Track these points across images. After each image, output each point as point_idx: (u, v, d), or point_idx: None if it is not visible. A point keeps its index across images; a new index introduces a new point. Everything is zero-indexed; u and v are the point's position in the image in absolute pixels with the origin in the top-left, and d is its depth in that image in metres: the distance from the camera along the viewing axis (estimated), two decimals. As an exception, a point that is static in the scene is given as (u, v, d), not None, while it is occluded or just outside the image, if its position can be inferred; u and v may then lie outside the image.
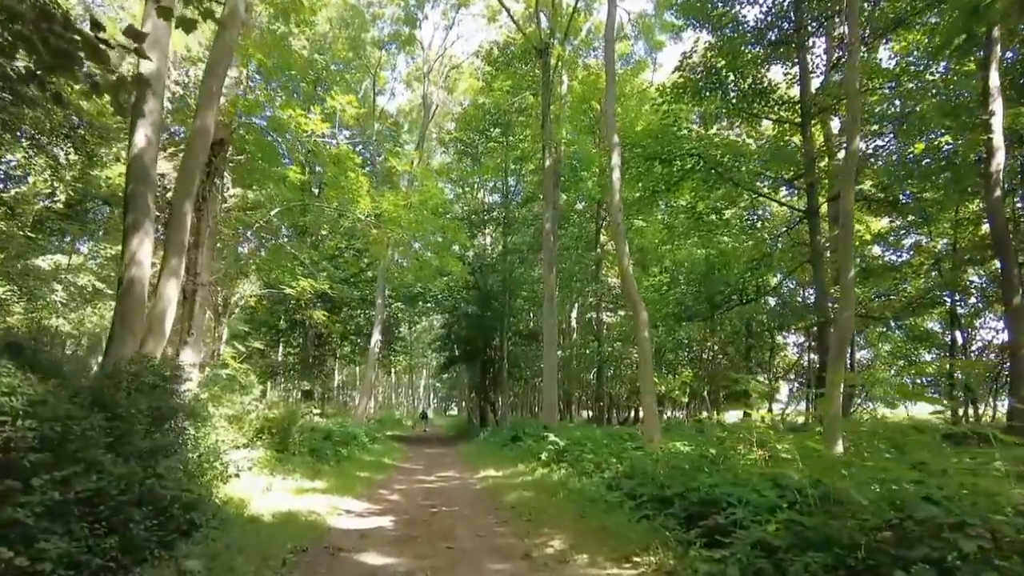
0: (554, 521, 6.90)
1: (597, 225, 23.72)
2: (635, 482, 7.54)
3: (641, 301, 10.50)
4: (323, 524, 6.89)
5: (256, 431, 11.03)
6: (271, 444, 10.92)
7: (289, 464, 10.65)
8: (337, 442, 15.02)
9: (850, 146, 8.13)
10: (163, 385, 6.38)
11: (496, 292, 25.90)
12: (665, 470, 7.27)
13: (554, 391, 17.28)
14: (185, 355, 10.15)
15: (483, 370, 28.55)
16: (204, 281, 10.56)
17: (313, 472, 10.89)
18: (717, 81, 14.61)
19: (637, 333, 10.39)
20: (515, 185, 25.98)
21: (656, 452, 8.80)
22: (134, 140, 7.92)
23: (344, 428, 19.07)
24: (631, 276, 10.58)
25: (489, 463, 13.78)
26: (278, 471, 10.02)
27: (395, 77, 34.37)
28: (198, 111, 9.12)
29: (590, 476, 8.94)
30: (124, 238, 7.84)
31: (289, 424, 11.62)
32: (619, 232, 10.64)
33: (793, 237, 15.99)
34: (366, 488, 10.27)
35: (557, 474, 10.02)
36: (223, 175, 11.34)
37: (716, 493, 5.56)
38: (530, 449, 13.39)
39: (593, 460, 9.73)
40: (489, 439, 20.14)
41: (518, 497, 8.71)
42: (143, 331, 7.97)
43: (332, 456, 13.04)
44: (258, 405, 11.70)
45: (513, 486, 9.99)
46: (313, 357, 28.73)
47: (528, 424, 17.43)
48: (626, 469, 8.39)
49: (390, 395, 67.19)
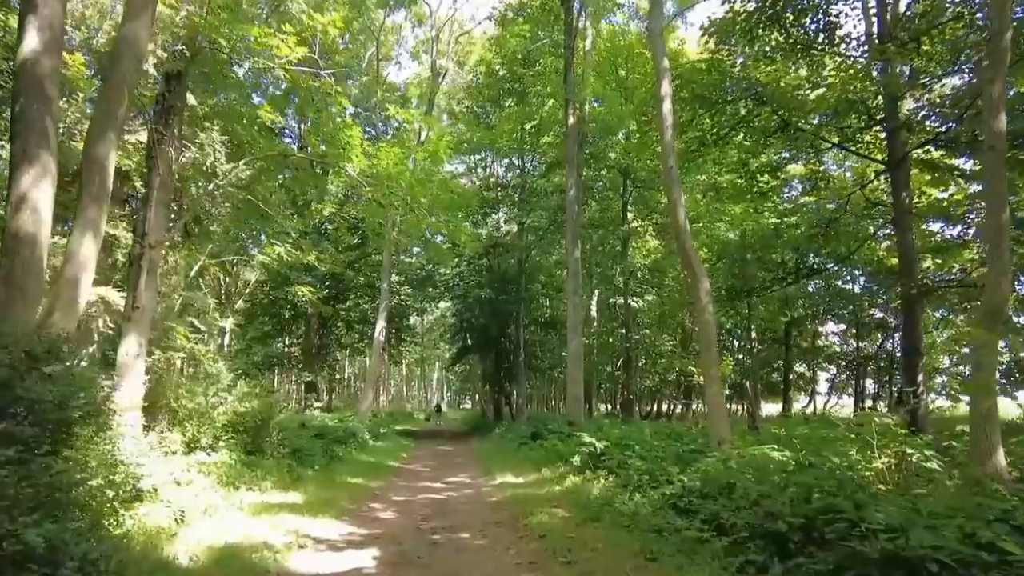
0: (607, 565, 4.72)
1: (623, 198, 21.36)
2: (718, 504, 5.34)
3: (702, 266, 8.25)
4: (273, 567, 4.78)
5: (221, 429, 9.00)
6: (238, 445, 8.88)
7: (260, 470, 8.61)
8: (331, 440, 13.01)
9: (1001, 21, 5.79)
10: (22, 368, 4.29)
11: (512, 275, 23.70)
12: (770, 488, 5.05)
13: (579, 382, 15.08)
14: (128, 337, 8.11)
15: (497, 360, 26.41)
16: (154, 242, 8.50)
17: (290, 480, 8.83)
18: (773, 15, 12.18)
19: (697, 306, 8.15)
20: (532, 159, 23.66)
21: (731, 457, 6.59)
22: (23, 43, 5.83)
23: (344, 424, 17.14)
24: (688, 233, 8.32)
25: (506, 465, 11.65)
26: (243, 480, 7.97)
27: (402, 48, 32.19)
28: (125, 18, 7.03)
29: (642, 491, 6.74)
30: (10, 173, 5.80)
31: (264, 420, 9.58)
32: (672, 178, 8.39)
33: (854, 205, 13.45)
34: (354, 501, 8.18)
35: (595, 485, 7.83)
36: (181, 114, 9.26)
37: (902, 543, 3.32)
38: (555, 450, 11.22)
39: (643, 468, 7.53)
40: (505, 435, 18.05)
41: (547, 519, 6.55)
42: (42, 298, 5.97)
43: (321, 458, 11.00)
44: (227, 398, 9.66)
45: (538, 500, 7.83)
46: (316, 347, 26.85)
47: (550, 420, 15.25)
48: (696, 483, 6.19)
49: (402, 388, 65.56)
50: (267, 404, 9.76)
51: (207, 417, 9.00)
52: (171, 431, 8.67)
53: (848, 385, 28.68)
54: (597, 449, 8.54)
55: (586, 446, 8.80)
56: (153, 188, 8.78)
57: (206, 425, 8.84)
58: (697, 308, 8.12)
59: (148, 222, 8.64)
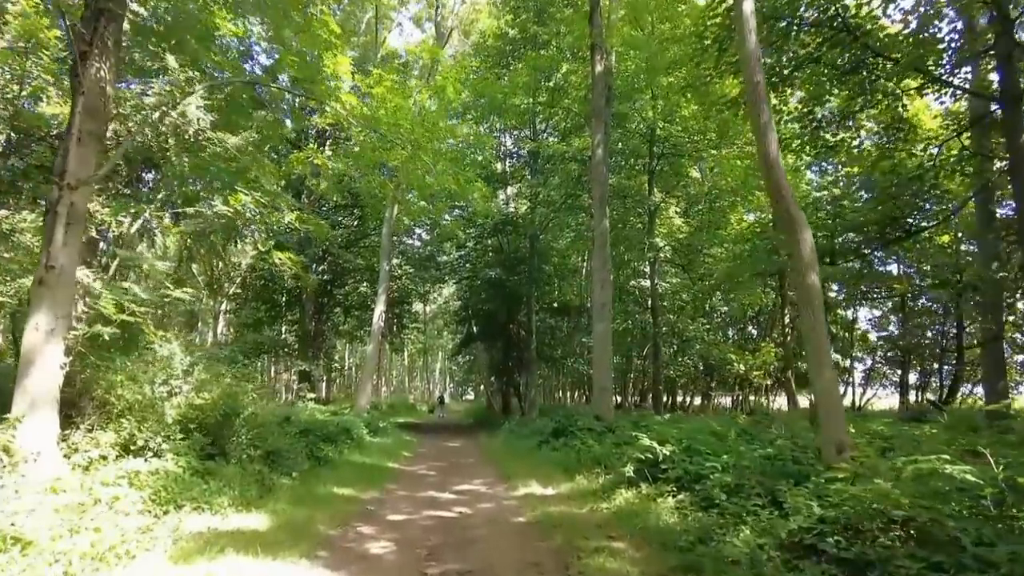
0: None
1: (650, 167, 19.13)
2: (896, 551, 3.31)
3: (801, 212, 6.15)
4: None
5: (172, 427, 7.00)
6: (191, 448, 6.87)
7: (217, 481, 6.61)
8: (319, 438, 11.02)
9: None
10: None
11: (523, 255, 21.60)
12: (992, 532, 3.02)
13: (607, 370, 13.02)
14: (39, 307, 6.09)
15: (506, 349, 24.35)
16: (75, 182, 6.45)
17: (256, 494, 6.83)
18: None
19: (795, 264, 6.06)
20: (546, 126, 21.43)
21: (877, 473, 4.55)
22: None
23: (338, 417, 15.15)
24: (782, 168, 6.24)
25: (528, 469, 9.63)
26: (190, 496, 5.98)
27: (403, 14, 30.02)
28: None
29: (742, 521, 4.70)
30: None
31: (227, 414, 7.56)
32: (758, 96, 6.30)
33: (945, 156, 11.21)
34: (337, 523, 6.16)
35: (661, 506, 5.81)
36: (120, 22, 7.17)
37: None
38: (589, 452, 9.21)
39: (728, 482, 5.50)
40: (517, 431, 16.09)
41: (611, 562, 4.51)
42: None
43: (303, 462, 9.00)
44: (181, 387, 7.65)
45: (584, 525, 5.81)
46: (312, 334, 24.85)
47: (573, 414, 13.23)
48: (833, 511, 4.16)
49: (404, 379, 63.77)
50: (231, 394, 7.73)
51: (152, 411, 7.00)
52: (103, 430, 6.71)
53: (885, 376, 26.64)
54: (659, 455, 6.48)
55: (640, 449, 6.74)
56: (75, 113, 6.72)
57: (150, 421, 6.84)
58: (796, 267, 6.05)
59: (68, 157, 6.61)
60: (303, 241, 21.57)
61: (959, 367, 19.11)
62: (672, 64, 15.63)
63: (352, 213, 25.74)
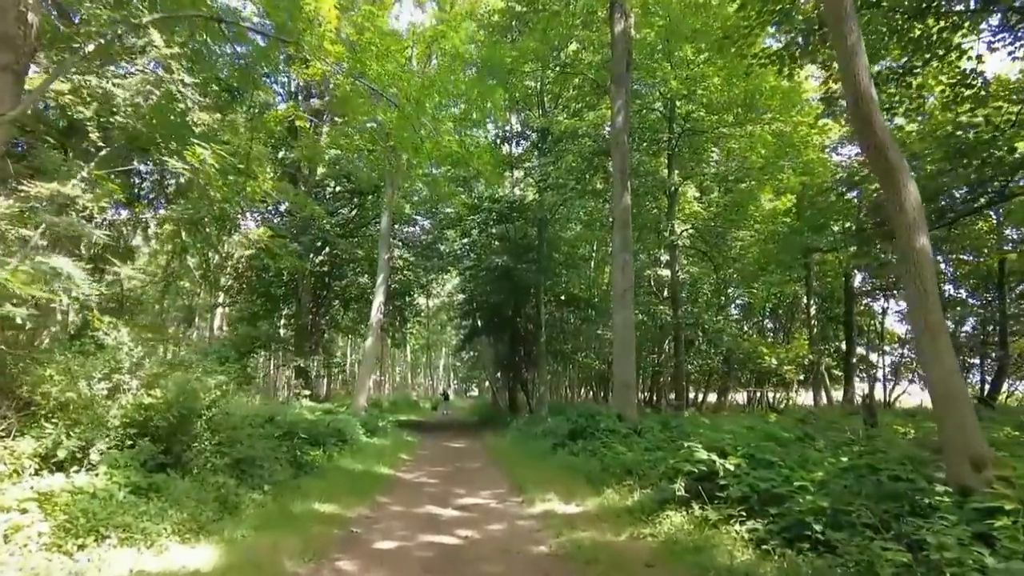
0: None
1: (671, 145, 17.64)
2: None
3: (903, 160, 4.77)
4: None
5: (118, 431, 5.70)
6: (137, 456, 5.56)
7: (162, 500, 5.29)
8: (304, 441, 9.69)
9: None
10: None
11: (530, 243, 20.21)
12: None
13: (630, 364, 11.61)
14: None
15: (513, 343, 22.98)
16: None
17: (212, 515, 5.49)
18: None
19: (897, 224, 4.64)
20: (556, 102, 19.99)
21: None
22: None
23: (333, 415, 13.85)
24: (875, 101, 4.85)
25: (543, 478, 8.28)
26: (119, 522, 4.66)
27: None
28: None
29: (870, 568, 3.34)
30: None
31: (184, 415, 6.23)
32: (846, 11, 4.92)
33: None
34: (310, 555, 4.82)
35: (725, 536, 4.46)
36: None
37: None
38: (618, 459, 7.85)
39: (815, 506, 4.14)
40: (526, 431, 14.77)
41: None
42: None
43: (281, 470, 7.68)
44: (129, 383, 6.32)
45: (626, 560, 4.46)
46: (309, 328, 23.57)
47: (601, 413, 11.85)
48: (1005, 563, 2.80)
49: (407, 376, 62.54)
50: (188, 391, 6.39)
51: (88, 413, 5.69)
52: (21, 436, 5.40)
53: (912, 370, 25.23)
54: (718, 468, 5.11)
55: (691, 460, 5.38)
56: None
57: (83, 426, 5.53)
58: (899, 226, 4.65)
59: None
60: (299, 228, 20.35)
61: (1004, 360, 17.69)
62: (695, 33, 14.19)
63: (352, 201, 24.52)
